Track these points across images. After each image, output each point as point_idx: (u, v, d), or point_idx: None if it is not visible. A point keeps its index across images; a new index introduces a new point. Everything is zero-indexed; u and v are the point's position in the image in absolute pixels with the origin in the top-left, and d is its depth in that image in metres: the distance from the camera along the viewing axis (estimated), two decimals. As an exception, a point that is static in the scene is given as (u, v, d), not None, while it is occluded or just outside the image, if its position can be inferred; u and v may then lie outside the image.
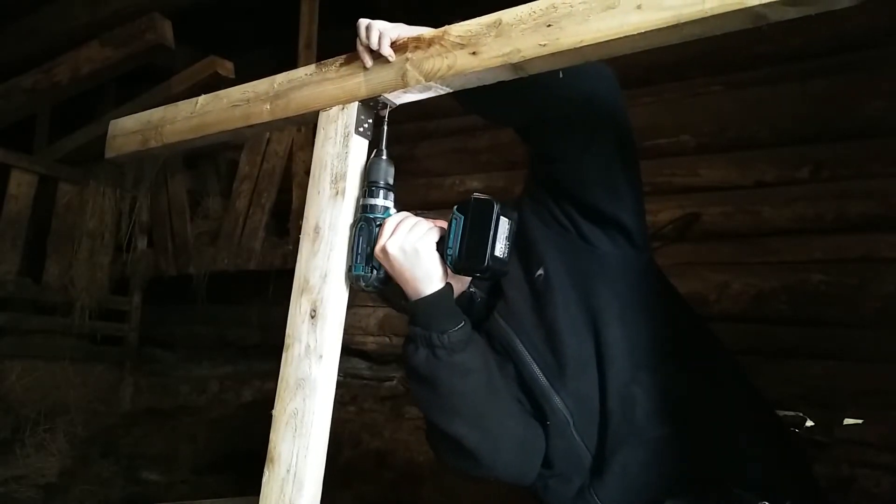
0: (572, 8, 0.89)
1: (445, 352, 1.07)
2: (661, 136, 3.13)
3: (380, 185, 1.11)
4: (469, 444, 1.09)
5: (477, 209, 1.07)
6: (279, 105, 1.24)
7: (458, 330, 1.08)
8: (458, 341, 1.08)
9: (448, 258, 1.07)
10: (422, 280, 1.08)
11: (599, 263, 1.14)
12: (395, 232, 1.07)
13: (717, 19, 0.78)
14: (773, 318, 2.75)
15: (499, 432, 1.11)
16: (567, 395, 1.14)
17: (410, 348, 1.11)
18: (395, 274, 1.09)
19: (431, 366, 1.08)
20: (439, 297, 1.09)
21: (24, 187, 4.11)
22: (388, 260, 1.07)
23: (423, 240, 1.07)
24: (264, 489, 1.05)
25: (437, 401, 1.10)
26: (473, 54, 0.99)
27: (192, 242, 4.28)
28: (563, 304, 1.13)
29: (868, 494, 2.36)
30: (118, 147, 1.53)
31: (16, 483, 3.75)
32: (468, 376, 1.08)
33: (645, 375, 1.11)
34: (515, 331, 1.18)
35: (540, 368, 1.15)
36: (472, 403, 1.09)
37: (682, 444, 1.09)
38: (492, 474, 1.13)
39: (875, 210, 2.61)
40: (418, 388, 1.13)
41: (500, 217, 1.06)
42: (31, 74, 3.74)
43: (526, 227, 1.19)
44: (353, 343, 3.83)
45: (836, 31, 2.72)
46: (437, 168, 3.88)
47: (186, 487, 4.01)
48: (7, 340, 4.07)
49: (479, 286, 1.24)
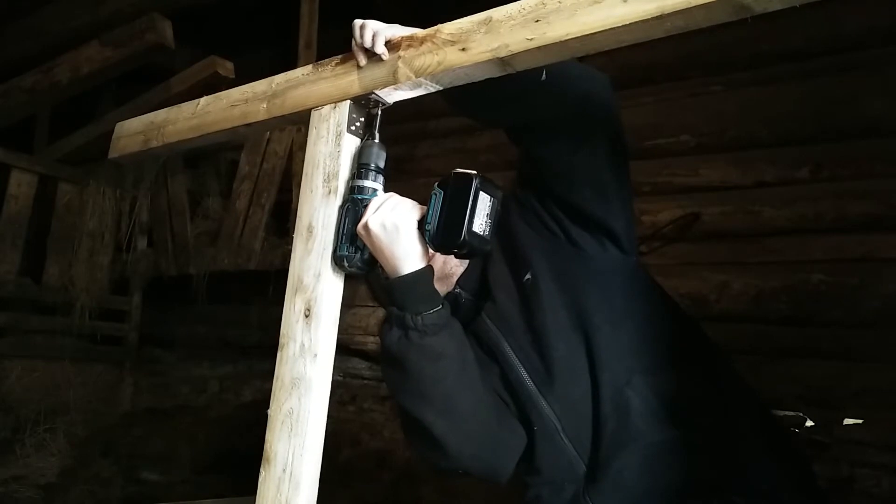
0: (560, 3, 0.90)
1: (418, 334, 1.07)
2: (661, 136, 3.12)
3: (370, 167, 1.10)
4: (436, 432, 1.08)
5: (456, 183, 1.06)
6: (275, 104, 1.25)
7: (433, 312, 1.07)
8: (432, 324, 1.07)
9: (427, 234, 1.06)
10: (401, 258, 1.07)
11: (587, 267, 1.14)
12: (378, 209, 1.06)
13: (700, 10, 0.78)
14: (773, 318, 2.74)
15: (468, 423, 1.10)
16: (554, 400, 1.13)
17: (385, 328, 1.11)
18: (376, 251, 1.08)
19: (402, 347, 1.08)
20: (416, 277, 1.08)
21: (24, 187, 4.11)
22: (370, 237, 1.06)
23: (404, 216, 1.06)
24: (260, 488, 1.05)
25: (406, 384, 1.09)
26: (463, 50, 0.99)
27: (192, 242, 4.28)
28: (551, 308, 1.13)
29: (868, 494, 2.36)
30: (121, 148, 1.55)
31: (16, 483, 3.76)
32: (439, 361, 1.07)
33: (640, 380, 1.10)
34: (503, 333, 1.17)
35: (527, 372, 1.15)
36: (442, 389, 1.08)
37: (681, 449, 1.08)
38: (460, 465, 1.12)
39: (875, 210, 2.61)
40: (389, 370, 1.12)
41: (479, 191, 1.05)
42: (31, 74, 3.74)
43: (513, 230, 1.19)
44: (352, 343, 3.83)
45: (836, 31, 2.72)
46: (437, 168, 3.87)
47: (186, 487, 4.02)
48: (7, 340, 4.08)
49: (466, 286, 1.23)
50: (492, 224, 1.07)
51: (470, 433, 1.10)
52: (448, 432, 1.08)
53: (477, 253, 1.09)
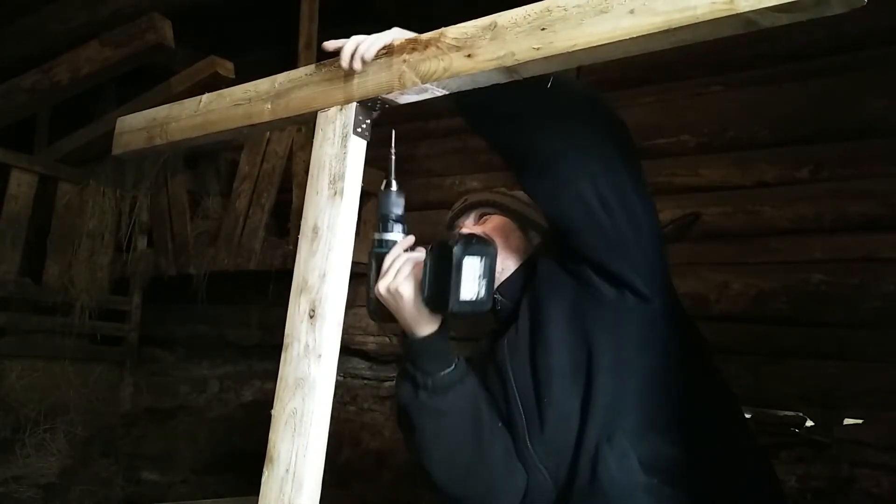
0: (566, 11, 0.89)
1: (426, 393, 1.10)
2: (661, 136, 3.13)
3: (389, 217, 1.12)
4: (434, 479, 1.12)
5: (438, 253, 1.06)
6: (280, 105, 1.24)
7: (443, 374, 1.10)
8: (441, 385, 1.10)
9: (423, 301, 1.08)
10: (410, 322, 1.10)
11: (602, 312, 1.11)
12: (385, 273, 1.09)
13: (707, 25, 0.79)
14: (773, 318, 2.75)
15: (470, 474, 1.12)
16: (539, 443, 1.13)
17: (399, 380, 1.15)
18: (392, 313, 1.11)
19: (411, 402, 1.12)
20: (428, 342, 1.10)
21: (24, 187, 4.10)
22: (383, 300, 1.10)
23: (404, 284, 1.08)
24: (263, 489, 1.05)
25: (412, 435, 1.14)
26: (469, 57, 0.99)
27: (192, 242, 4.27)
28: (557, 351, 1.12)
29: (868, 494, 2.36)
30: (125, 144, 1.53)
31: (16, 483, 3.76)
32: (441, 419, 1.10)
33: (622, 437, 1.06)
34: (512, 365, 1.18)
35: (523, 409, 1.15)
36: (443, 445, 1.11)
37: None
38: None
39: (875, 210, 2.61)
40: (399, 417, 1.17)
41: (462, 260, 1.04)
42: (31, 74, 3.74)
43: (543, 262, 1.19)
44: (353, 343, 3.84)
45: (836, 31, 2.72)
46: (437, 168, 3.88)
47: (186, 487, 4.02)
48: (7, 340, 4.07)
49: (507, 294, 1.23)
50: (487, 282, 1.07)
51: (469, 482, 1.13)
52: (447, 481, 1.13)
53: (476, 315, 1.10)
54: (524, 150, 1.08)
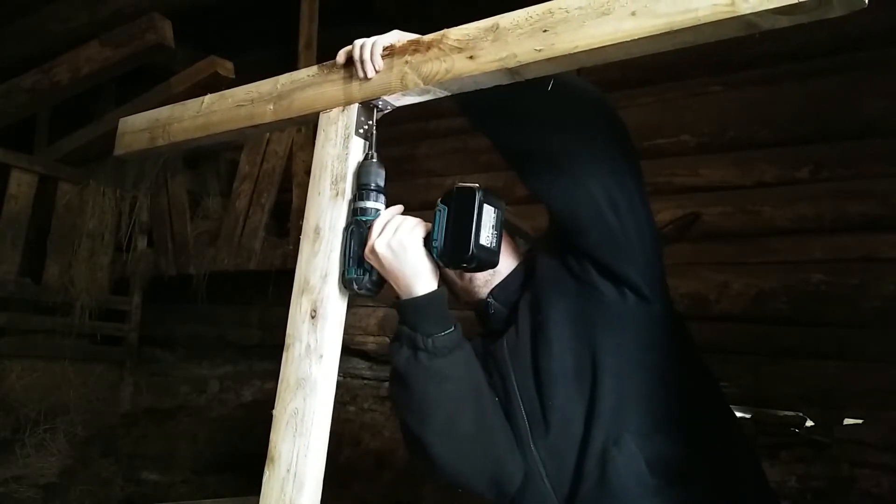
0: (568, 13, 0.89)
1: (427, 355, 1.07)
2: (661, 136, 3.13)
3: (370, 187, 1.10)
4: (433, 452, 1.08)
5: (460, 198, 1.06)
6: (282, 106, 1.24)
7: (444, 335, 1.07)
8: (442, 346, 1.07)
9: (434, 251, 1.06)
10: (411, 277, 1.06)
11: (605, 312, 1.10)
12: (382, 231, 1.06)
13: (709, 27, 0.79)
14: (773, 318, 2.75)
15: (468, 445, 1.09)
16: (543, 447, 1.12)
17: (395, 346, 1.11)
18: (386, 273, 1.08)
19: (410, 367, 1.08)
20: (429, 299, 1.08)
21: (24, 187, 4.11)
22: (378, 259, 1.06)
23: (409, 235, 1.06)
24: (264, 489, 1.05)
25: (410, 403, 1.10)
26: (471, 58, 0.99)
27: (192, 242, 4.28)
28: (559, 353, 1.11)
29: (868, 494, 2.36)
30: (127, 144, 1.53)
31: (16, 483, 3.76)
32: (444, 383, 1.07)
33: (630, 439, 1.05)
34: (513, 366, 1.16)
35: (525, 412, 1.14)
36: (444, 412, 1.07)
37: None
38: (458, 484, 1.12)
39: (875, 210, 2.61)
40: (395, 387, 1.13)
41: (483, 204, 1.04)
42: (31, 74, 3.74)
43: (542, 262, 1.17)
44: (353, 343, 3.83)
45: (836, 31, 2.72)
46: (437, 168, 3.88)
47: (186, 487, 4.02)
48: (7, 340, 4.07)
49: (500, 298, 1.22)
50: (497, 235, 1.07)
51: (469, 455, 1.10)
52: (446, 453, 1.09)
53: (486, 266, 1.09)
54: (529, 148, 1.09)
